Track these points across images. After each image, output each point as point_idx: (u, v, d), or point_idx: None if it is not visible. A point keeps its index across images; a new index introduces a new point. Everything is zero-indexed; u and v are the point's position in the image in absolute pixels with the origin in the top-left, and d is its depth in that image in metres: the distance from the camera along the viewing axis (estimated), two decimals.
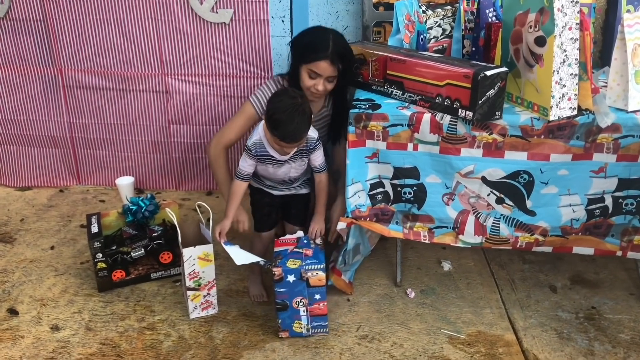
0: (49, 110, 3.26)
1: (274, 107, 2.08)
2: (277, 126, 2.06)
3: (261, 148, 2.21)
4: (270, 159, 2.23)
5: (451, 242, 2.28)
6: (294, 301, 2.14)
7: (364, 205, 2.26)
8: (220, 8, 2.90)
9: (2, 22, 3.07)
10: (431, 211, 2.25)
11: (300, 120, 2.06)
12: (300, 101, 2.08)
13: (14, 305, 2.36)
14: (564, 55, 1.93)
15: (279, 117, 2.05)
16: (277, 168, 2.27)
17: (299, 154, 2.25)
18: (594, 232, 2.20)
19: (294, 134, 2.08)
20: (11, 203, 3.26)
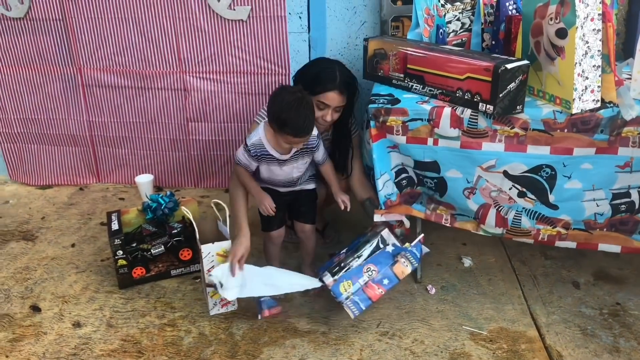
0: (68, 109, 3.29)
1: (278, 106, 2.07)
2: (286, 123, 2.05)
3: (261, 148, 2.20)
4: (270, 158, 2.22)
5: (472, 229, 2.26)
6: (368, 266, 2.17)
7: (393, 194, 2.26)
8: (238, 5, 2.90)
9: (22, 22, 3.10)
10: (452, 201, 2.24)
11: (308, 112, 2.08)
12: (301, 95, 2.09)
13: (37, 302, 2.39)
14: (586, 47, 1.90)
15: (287, 114, 2.04)
16: (279, 167, 2.26)
17: (300, 153, 2.24)
18: (620, 228, 2.15)
19: (305, 127, 2.08)
20: (32, 201, 3.30)
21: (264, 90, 3.05)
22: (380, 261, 2.19)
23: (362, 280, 2.16)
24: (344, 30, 2.96)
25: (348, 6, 2.93)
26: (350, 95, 2.36)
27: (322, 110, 2.34)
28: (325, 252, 2.66)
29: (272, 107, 2.10)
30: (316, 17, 2.94)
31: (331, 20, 2.95)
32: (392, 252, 2.21)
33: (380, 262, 2.19)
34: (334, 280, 2.17)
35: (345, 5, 2.93)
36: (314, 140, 2.24)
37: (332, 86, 2.29)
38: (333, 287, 2.16)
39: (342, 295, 2.14)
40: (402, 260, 2.19)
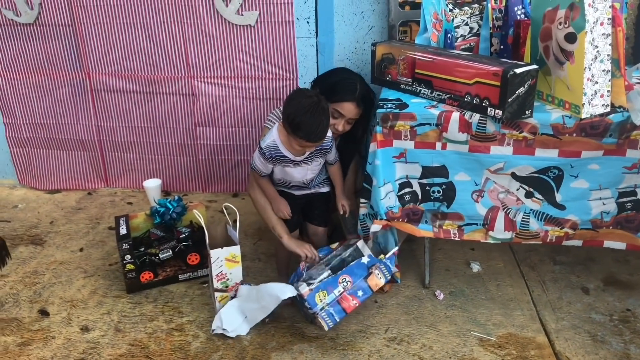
0: (77, 113, 3.30)
1: (294, 109, 2.07)
2: (300, 128, 2.06)
3: (275, 150, 2.21)
4: (285, 159, 2.23)
5: (481, 238, 2.25)
6: (343, 276, 2.16)
7: (396, 207, 2.24)
8: (246, 10, 2.90)
9: (31, 27, 3.12)
10: (460, 209, 2.23)
11: (323, 118, 2.08)
12: (317, 99, 2.09)
13: (45, 307, 2.39)
14: (596, 51, 1.89)
15: (302, 118, 2.04)
16: (293, 168, 2.26)
17: (314, 154, 2.24)
18: (626, 226, 2.15)
19: (319, 132, 2.09)
20: (41, 206, 3.31)
21: (271, 95, 3.06)
22: (354, 272, 2.20)
23: (337, 291, 2.15)
24: (352, 35, 2.96)
25: (356, 11, 2.93)
26: (366, 110, 2.38)
27: (335, 119, 2.36)
28: None
29: (287, 109, 2.10)
30: (324, 22, 2.94)
31: (339, 25, 2.95)
32: (367, 263, 2.22)
33: (354, 273, 2.19)
34: (309, 290, 2.14)
35: (353, 10, 2.93)
36: (328, 142, 2.24)
37: (350, 97, 2.32)
38: (308, 297, 2.12)
39: (317, 306, 2.12)
40: (376, 272, 2.21)
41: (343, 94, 2.31)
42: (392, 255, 2.28)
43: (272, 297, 2.14)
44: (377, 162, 2.18)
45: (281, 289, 2.14)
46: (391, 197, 2.24)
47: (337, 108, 2.33)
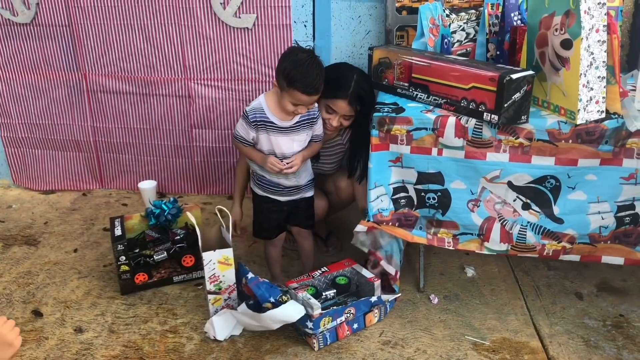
0: (73, 114, 3.30)
1: (291, 63, 2.06)
2: (297, 79, 2.04)
3: (260, 113, 2.16)
4: (271, 125, 2.17)
5: (476, 249, 2.25)
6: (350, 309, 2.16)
7: (387, 210, 2.24)
8: (243, 13, 2.91)
9: (28, 27, 3.11)
10: (456, 217, 2.22)
11: (319, 71, 2.08)
12: (312, 54, 2.11)
13: (39, 307, 2.38)
14: (591, 57, 1.90)
15: (299, 70, 2.04)
16: (280, 136, 2.19)
17: (301, 124, 2.21)
18: (624, 240, 2.15)
19: (316, 84, 2.07)
20: (35, 206, 3.30)
21: None
22: (360, 307, 2.19)
23: (339, 320, 2.14)
24: (349, 39, 2.98)
25: (353, 15, 2.94)
26: (365, 107, 2.34)
27: (329, 115, 2.35)
28: (329, 259, 2.65)
29: (283, 63, 2.09)
30: (321, 26, 2.95)
31: (336, 29, 2.96)
32: (373, 302, 2.21)
33: (360, 308, 2.19)
34: (320, 313, 2.09)
35: (351, 14, 2.94)
36: (315, 111, 2.23)
37: (343, 94, 2.31)
38: (315, 320, 2.08)
39: (320, 329, 2.10)
40: (376, 311, 2.22)
41: (336, 91, 2.29)
42: (393, 300, 2.30)
43: (276, 322, 2.10)
44: (371, 165, 2.18)
45: (287, 313, 2.06)
46: (383, 200, 2.24)
47: (330, 104, 2.33)
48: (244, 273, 2.18)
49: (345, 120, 2.39)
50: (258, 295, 2.07)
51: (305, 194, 2.38)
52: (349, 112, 2.34)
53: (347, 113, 2.35)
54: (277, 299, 2.07)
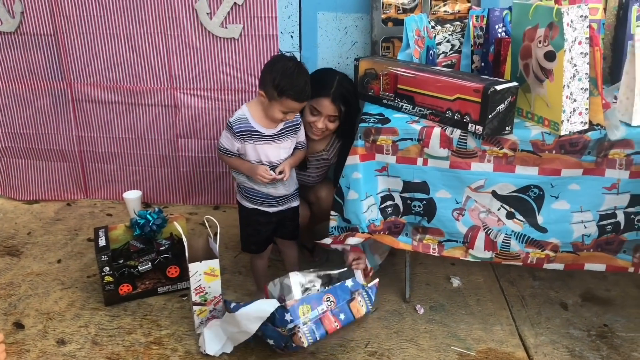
0: (58, 124, 3.27)
1: (280, 72, 2.07)
2: (288, 88, 2.05)
3: (245, 123, 2.16)
4: (256, 134, 2.17)
5: (461, 256, 2.25)
6: (327, 295, 2.13)
7: (378, 219, 2.25)
8: (230, 23, 2.91)
9: (12, 36, 3.09)
10: (441, 225, 2.23)
11: (307, 78, 2.12)
12: (298, 61, 2.14)
13: (20, 319, 2.35)
14: (574, 69, 1.93)
15: (289, 79, 2.05)
16: (266, 144, 2.19)
17: (286, 132, 2.21)
18: (606, 248, 2.17)
19: (307, 90, 2.10)
20: (18, 216, 3.26)
21: None
22: (338, 294, 2.15)
23: (320, 309, 2.08)
24: (335, 50, 2.99)
25: (339, 26, 2.96)
26: (349, 108, 2.38)
27: (314, 117, 2.36)
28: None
29: (270, 73, 2.09)
30: (308, 37, 2.96)
31: (322, 40, 2.97)
32: (350, 287, 2.18)
33: (338, 295, 2.15)
34: (294, 301, 2.06)
35: (337, 25, 2.95)
36: (298, 118, 2.24)
37: (325, 93, 2.33)
38: (292, 309, 2.03)
39: (300, 319, 2.02)
40: (359, 298, 2.18)
41: (319, 89, 2.30)
42: (373, 286, 2.26)
43: (251, 320, 2.04)
44: (359, 175, 2.19)
45: (259, 308, 2.03)
46: (373, 210, 2.24)
47: (314, 105, 2.35)
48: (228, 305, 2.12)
49: (330, 123, 2.40)
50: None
51: (292, 204, 2.38)
52: (333, 111, 2.35)
53: (331, 113, 2.36)
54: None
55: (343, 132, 2.50)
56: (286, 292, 2.14)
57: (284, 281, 2.17)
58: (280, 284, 2.19)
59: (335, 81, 2.37)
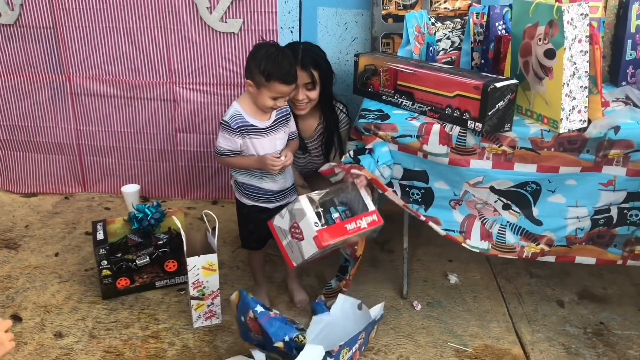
0: (56, 117, 3.27)
1: (263, 58, 2.08)
2: (275, 71, 2.06)
3: (240, 119, 2.16)
4: (252, 129, 2.17)
5: (460, 241, 2.25)
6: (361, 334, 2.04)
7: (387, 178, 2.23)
8: (230, 18, 2.91)
9: (11, 29, 3.09)
10: (438, 214, 2.24)
11: (291, 59, 2.13)
12: (279, 46, 2.17)
13: (18, 312, 2.35)
14: (574, 67, 1.93)
15: (273, 63, 2.06)
16: (262, 138, 2.19)
17: (278, 122, 2.22)
18: (597, 241, 2.18)
19: (292, 72, 2.11)
20: (16, 209, 3.26)
21: None
22: (368, 330, 2.12)
23: (354, 348, 2.05)
24: (335, 46, 2.99)
25: (339, 22, 2.95)
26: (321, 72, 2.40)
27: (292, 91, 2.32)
28: (311, 266, 2.65)
29: (254, 60, 2.10)
30: (308, 32, 2.96)
31: (322, 36, 2.97)
32: (377, 320, 2.16)
33: (367, 330, 2.12)
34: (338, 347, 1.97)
35: (337, 21, 2.95)
36: (286, 108, 2.26)
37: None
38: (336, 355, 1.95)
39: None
40: (376, 327, 2.19)
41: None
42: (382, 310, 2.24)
43: None
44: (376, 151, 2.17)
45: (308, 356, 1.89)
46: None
47: None
48: (250, 305, 2.02)
49: (309, 92, 2.40)
50: (270, 332, 1.93)
51: (291, 198, 2.38)
52: (306, 78, 2.36)
53: (306, 80, 2.37)
54: (292, 339, 1.93)
55: (325, 100, 2.50)
56: (298, 217, 2.01)
57: (294, 207, 2.02)
58: (289, 213, 2.04)
59: (300, 50, 2.38)
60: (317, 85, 2.41)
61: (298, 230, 1.99)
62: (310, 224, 1.96)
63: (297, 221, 2.00)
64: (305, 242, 1.97)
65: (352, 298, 2.25)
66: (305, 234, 1.97)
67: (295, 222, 2.00)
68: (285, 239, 2.04)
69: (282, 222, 2.05)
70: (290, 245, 2.03)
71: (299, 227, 1.99)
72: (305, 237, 1.97)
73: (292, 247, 2.03)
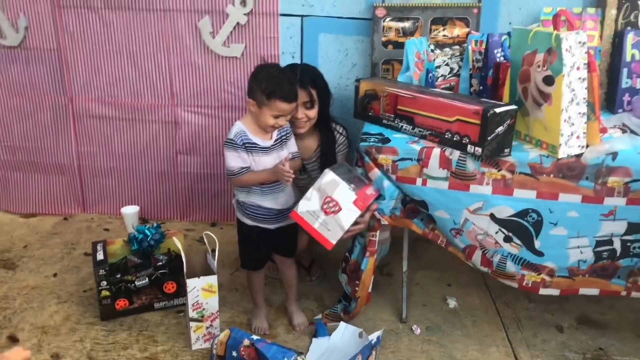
0: (57, 138, 3.28)
1: (265, 78, 2.13)
2: (276, 90, 2.10)
3: (244, 136, 2.18)
4: (255, 147, 2.20)
5: (463, 258, 2.27)
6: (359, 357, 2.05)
7: (397, 208, 2.25)
8: (232, 43, 2.95)
9: (16, 50, 3.12)
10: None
11: (292, 79, 2.19)
12: (280, 66, 2.24)
13: (15, 333, 2.34)
14: (572, 94, 1.96)
15: (274, 83, 2.11)
16: (265, 157, 2.22)
17: (279, 142, 2.25)
18: (601, 274, 2.16)
19: (293, 91, 2.16)
20: (15, 229, 3.25)
21: None
22: (365, 354, 2.12)
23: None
24: (336, 71, 3.02)
25: (340, 48, 3.00)
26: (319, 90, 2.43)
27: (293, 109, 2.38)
28: (311, 289, 2.65)
29: (256, 81, 2.15)
30: (309, 57, 2.99)
31: (323, 61, 3.01)
32: (373, 344, 2.16)
33: (365, 354, 2.12)
34: None
35: (338, 47, 2.99)
36: (287, 127, 2.30)
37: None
38: None
39: None
40: (374, 352, 2.18)
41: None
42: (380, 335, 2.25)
43: None
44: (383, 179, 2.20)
45: None
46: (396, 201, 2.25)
47: None
48: (245, 335, 2.06)
49: (308, 110, 2.42)
50: (269, 355, 1.96)
51: (292, 220, 2.38)
52: (305, 97, 2.39)
53: (305, 99, 2.39)
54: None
55: (322, 120, 2.53)
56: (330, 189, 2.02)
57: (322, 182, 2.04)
58: (317, 191, 2.05)
59: (298, 70, 2.43)
60: (315, 104, 2.44)
61: (333, 203, 2.03)
62: (347, 191, 2.04)
63: (329, 195, 2.04)
64: (344, 211, 2.03)
65: (353, 327, 2.27)
66: (342, 203, 2.02)
67: (328, 196, 2.04)
68: (317, 221, 2.06)
69: (310, 204, 2.07)
70: (325, 224, 2.05)
71: (334, 199, 2.03)
72: (343, 206, 2.03)
73: (327, 225, 2.05)
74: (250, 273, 2.44)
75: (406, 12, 2.79)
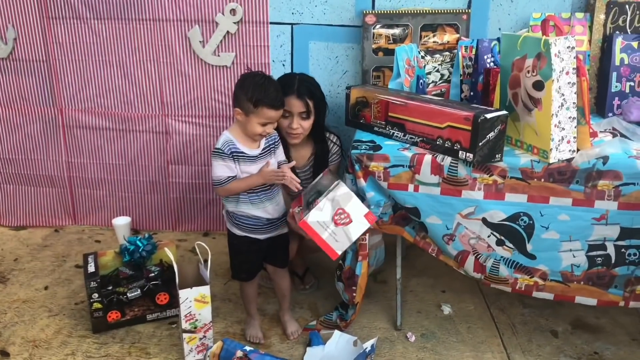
0: (47, 149, 3.26)
1: (250, 86, 2.13)
2: (263, 97, 2.10)
3: (232, 145, 2.18)
4: (242, 156, 2.19)
5: (455, 266, 2.27)
6: None
7: (387, 214, 2.26)
8: (222, 51, 2.95)
9: (5, 62, 3.10)
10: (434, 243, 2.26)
11: (277, 85, 2.19)
12: (265, 74, 2.23)
13: (5, 347, 2.31)
14: (562, 99, 1.97)
15: (260, 90, 2.11)
16: (252, 165, 2.20)
17: (267, 150, 2.25)
18: (597, 282, 2.16)
19: (279, 98, 2.16)
20: (5, 242, 3.22)
21: None
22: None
23: None
24: (326, 79, 3.02)
25: (330, 56, 3.00)
26: (315, 102, 2.44)
27: (287, 119, 2.41)
28: (304, 297, 2.64)
29: (242, 89, 2.14)
30: (299, 65, 2.99)
31: (314, 69, 3.01)
32: (368, 352, 2.19)
33: None
34: None
35: (328, 55, 2.99)
36: (275, 135, 2.29)
37: (290, 92, 2.39)
38: None
39: None
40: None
41: (284, 90, 2.31)
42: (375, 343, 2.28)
43: None
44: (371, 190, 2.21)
45: None
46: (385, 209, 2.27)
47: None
48: (238, 347, 2.09)
49: (303, 121, 2.44)
50: None
51: (282, 231, 2.37)
52: (301, 107, 2.41)
53: (301, 109, 2.41)
54: None
55: (317, 130, 2.53)
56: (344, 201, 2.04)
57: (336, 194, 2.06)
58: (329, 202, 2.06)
59: (296, 79, 2.44)
60: (311, 115, 2.44)
61: (344, 215, 2.06)
62: (360, 204, 2.07)
63: (342, 207, 2.06)
64: (354, 223, 2.06)
65: (347, 335, 2.26)
66: (353, 215, 2.05)
67: (340, 208, 2.06)
68: (326, 231, 2.07)
69: (321, 214, 2.08)
70: (334, 234, 2.07)
71: (345, 211, 2.06)
72: (354, 218, 2.05)
73: (335, 236, 2.07)
74: (242, 283, 2.42)
75: (396, 19, 2.80)
